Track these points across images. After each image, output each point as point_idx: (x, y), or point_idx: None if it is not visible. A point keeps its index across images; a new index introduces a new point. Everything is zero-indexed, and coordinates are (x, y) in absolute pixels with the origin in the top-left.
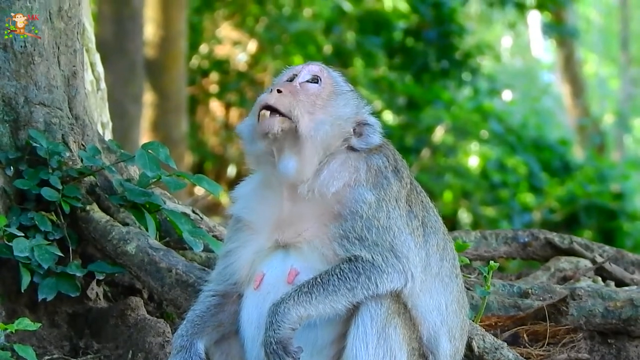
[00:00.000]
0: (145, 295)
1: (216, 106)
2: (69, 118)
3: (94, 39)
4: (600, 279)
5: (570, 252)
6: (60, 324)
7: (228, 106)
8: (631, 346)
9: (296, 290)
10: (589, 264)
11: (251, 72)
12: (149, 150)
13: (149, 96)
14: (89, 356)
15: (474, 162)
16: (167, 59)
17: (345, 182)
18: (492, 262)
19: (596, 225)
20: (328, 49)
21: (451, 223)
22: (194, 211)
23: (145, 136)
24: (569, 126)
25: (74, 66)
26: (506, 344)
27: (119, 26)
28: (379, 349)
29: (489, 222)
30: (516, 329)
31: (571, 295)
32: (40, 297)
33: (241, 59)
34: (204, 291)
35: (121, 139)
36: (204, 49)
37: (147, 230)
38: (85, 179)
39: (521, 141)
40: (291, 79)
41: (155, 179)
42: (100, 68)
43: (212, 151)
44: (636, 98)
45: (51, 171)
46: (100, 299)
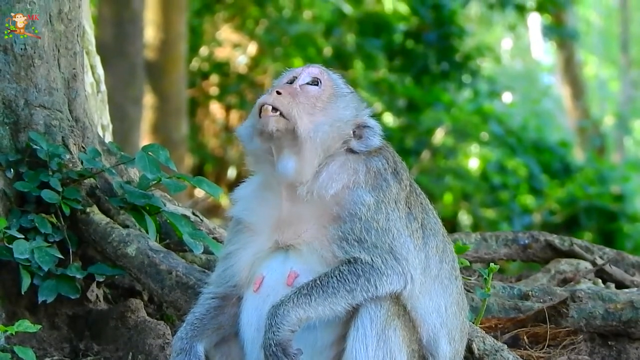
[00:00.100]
0: (146, 297)
1: (216, 108)
2: (69, 120)
3: (94, 41)
4: (600, 281)
5: (571, 254)
6: (60, 326)
7: (228, 108)
8: (631, 348)
9: (295, 292)
10: (589, 266)
11: (251, 74)
12: (149, 153)
13: (149, 98)
14: (89, 358)
15: (474, 164)
16: (167, 61)
17: (344, 184)
18: (492, 264)
19: (596, 227)
20: (328, 51)
21: (451, 225)
22: (194, 213)
23: (145, 138)
24: (569, 128)
25: (74, 69)
26: (506, 346)
27: (119, 29)
28: (378, 351)
29: (489, 224)
30: (516, 331)
31: (571, 297)
32: (41, 299)
33: (241, 61)
34: (203, 293)
35: (121, 141)
36: (204, 51)
37: (147, 233)
38: (86, 181)
39: (521, 143)
40: (291, 81)
41: (156, 181)
42: (101, 70)
43: (212, 153)
44: (636, 100)
45: (51, 173)
46: (100, 301)
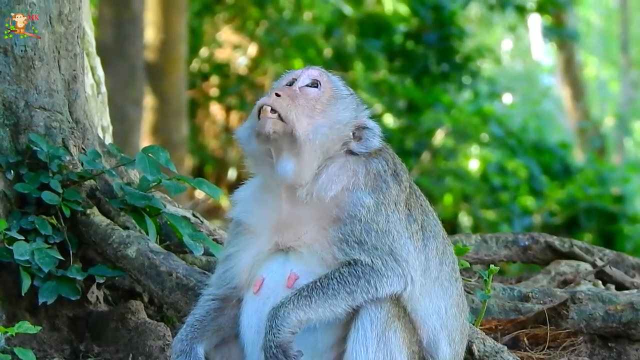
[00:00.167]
0: (146, 299)
1: (216, 110)
2: (69, 122)
3: (94, 42)
4: (600, 282)
5: (571, 255)
6: (60, 327)
7: (228, 110)
8: (631, 349)
9: (296, 294)
10: (589, 267)
11: (251, 75)
12: (149, 154)
13: (149, 100)
14: (90, 359)
15: (474, 165)
16: (167, 62)
17: (344, 186)
18: (492, 266)
19: (596, 229)
20: (328, 52)
21: (451, 226)
22: (194, 215)
23: (145, 140)
24: (569, 129)
25: (74, 70)
26: (506, 347)
27: (119, 30)
28: (379, 353)
29: (489, 226)
30: (516, 332)
31: (571, 298)
32: (41, 301)
33: (241, 62)
34: (203, 295)
35: (121, 142)
36: (204, 52)
37: (148, 234)
38: (86, 182)
39: (521, 144)
40: (290, 83)
41: (156, 183)
42: (101, 72)
43: (213, 155)
44: (636, 101)
45: (51, 175)
46: (100, 302)
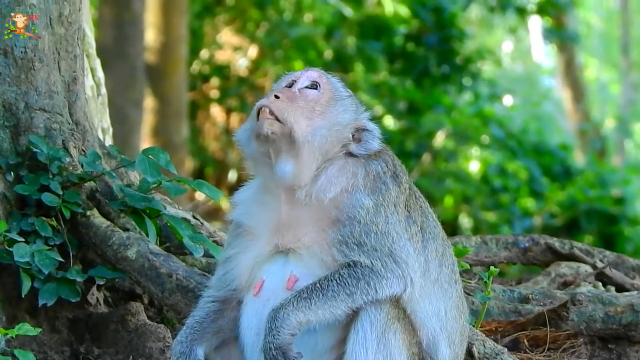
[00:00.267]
0: (146, 301)
1: (217, 111)
2: (69, 123)
3: (94, 44)
4: (600, 284)
5: (571, 257)
6: (60, 329)
7: (229, 111)
8: (632, 351)
9: (295, 295)
10: (589, 269)
11: (252, 77)
12: (150, 156)
13: (149, 101)
14: None
15: (474, 167)
16: (167, 64)
17: (343, 188)
18: (492, 268)
19: (597, 230)
20: (329, 54)
21: (452, 228)
22: (194, 216)
23: (145, 141)
24: (570, 131)
25: (74, 72)
26: (507, 349)
27: (120, 31)
28: (378, 354)
29: (489, 227)
30: (517, 334)
31: (572, 300)
32: (41, 302)
33: (242, 64)
34: (203, 297)
35: (122, 144)
36: (204, 54)
37: (148, 236)
38: (86, 184)
39: (522, 146)
40: (290, 84)
41: (156, 185)
42: (101, 73)
43: (213, 156)
44: (637, 103)
45: (51, 176)
46: (100, 304)
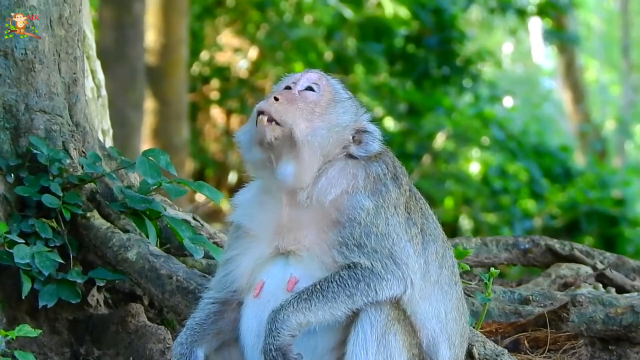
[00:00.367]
0: (146, 302)
1: (217, 113)
2: (69, 125)
3: (94, 46)
4: (601, 285)
5: (571, 258)
6: (60, 330)
7: (229, 113)
8: (632, 352)
9: (295, 297)
10: (589, 270)
11: (252, 78)
12: (150, 157)
13: (149, 103)
14: None
15: (475, 168)
16: (168, 65)
17: (343, 189)
18: (492, 269)
19: (597, 232)
20: (329, 55)
21: (452, 229)
22: (194, 218)
23: (146, 143)
24: (570, 132)
25: (74, 73)
26: (507, 350)
27: (120, 33)
28: (379, 355)
29: (489, 229)
30: (517, 335)
31: (572, 301)
32: (41, 304)
33: (242, 65)
34: (203, 298)
35: (122, 146)
36: (204, 55)
37: (148, 237)
38: (86, 185)
39: (522, 147)
40: (290, 86)
41: (156, 186)
42: (101, 75)
43: (213, 158)
44: (637, 104)
45: (52, 178)
46: (100, 305)
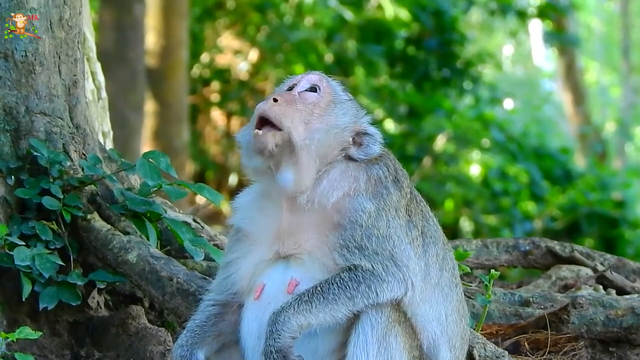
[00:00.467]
0: (146, 304)
1: (217, 115)
2: (69, 127)
3: (94, 48)
4: (601, 287)
5: (571, 260)
6: (61, 332)
7: (229, 115)
8: (632, 354)
9: (296, 299)
10: (590, 272)
11: (252, 81)
12: (150, 159)
13: (150, 105)
14: None
15: (475, 170)
16: (168, 68)
17: (345, 192)
18: (493, 271)
19: (597, 234)
20: (329, 57)
21: (452, 231)
22: (195, 220)
23: (146, 145)
24: (570, 134)
25: (74, 75)
26: (507, 352)
27: (120, 35)
28: (379, 357)
29: (490, 231)
30: (517, 337)
31: (572, 303)
32: (42, 306)
33: (242, 67)
34: (204, 300)
35: (122, 148)
36: (205, 57)
37: (148, 239)
38: (86, 188)
39: (522, 149)
40: (291, 88)
41: (156, 188)
42: (101, 77)
43: (214, 160)
44: (637, 106)
45: (52, 180)
46: (101, 307)
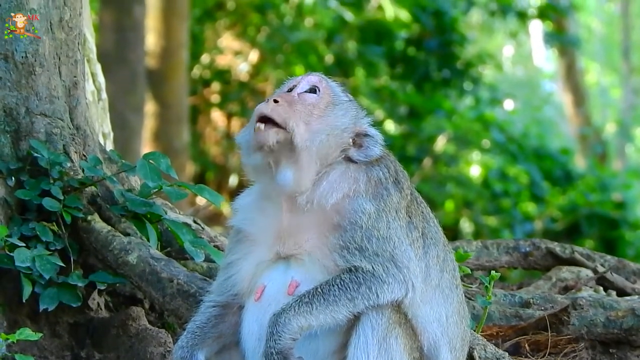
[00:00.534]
0: (147, 306)
1: (218, 116)
2: (70, 128)
3: (95, 49)
4: (601, 288)
5: (572, 261)
6: (61, 334)
7: (229, 116)
8: (633, 356)
9: (297, 300)
10: (590, 273)
11: (252, 81)
12: (150, 161)
13: (150, 106)
14: None
15: (475, 171)
16: (168, 69)
17: (345, 193)
18: (493, 272)
19: (598, 235)
20: (329, 58)
21: (453, 232)
22: (195, 221)
23: (146, 146)
24: (571, 135)
25: (75, 76)
26: (508, 353)
27: (121, 36)
28: (380, 359)
29: (490, 232)
30: (518, 338)
31: (572, 305)
32: (42, 307)
33: (242, 68)
34: (204, 302)
35: (122, 149)
36: (205, 59)
37: (149, 241)
38: (87, 189)
39: (523, 150)
40: (290, 89)
41: (157, 189)
42: (102, 78)
43: (214, 161)
44: (638, 107)
45: (52, 181)
46: (101, 309)
